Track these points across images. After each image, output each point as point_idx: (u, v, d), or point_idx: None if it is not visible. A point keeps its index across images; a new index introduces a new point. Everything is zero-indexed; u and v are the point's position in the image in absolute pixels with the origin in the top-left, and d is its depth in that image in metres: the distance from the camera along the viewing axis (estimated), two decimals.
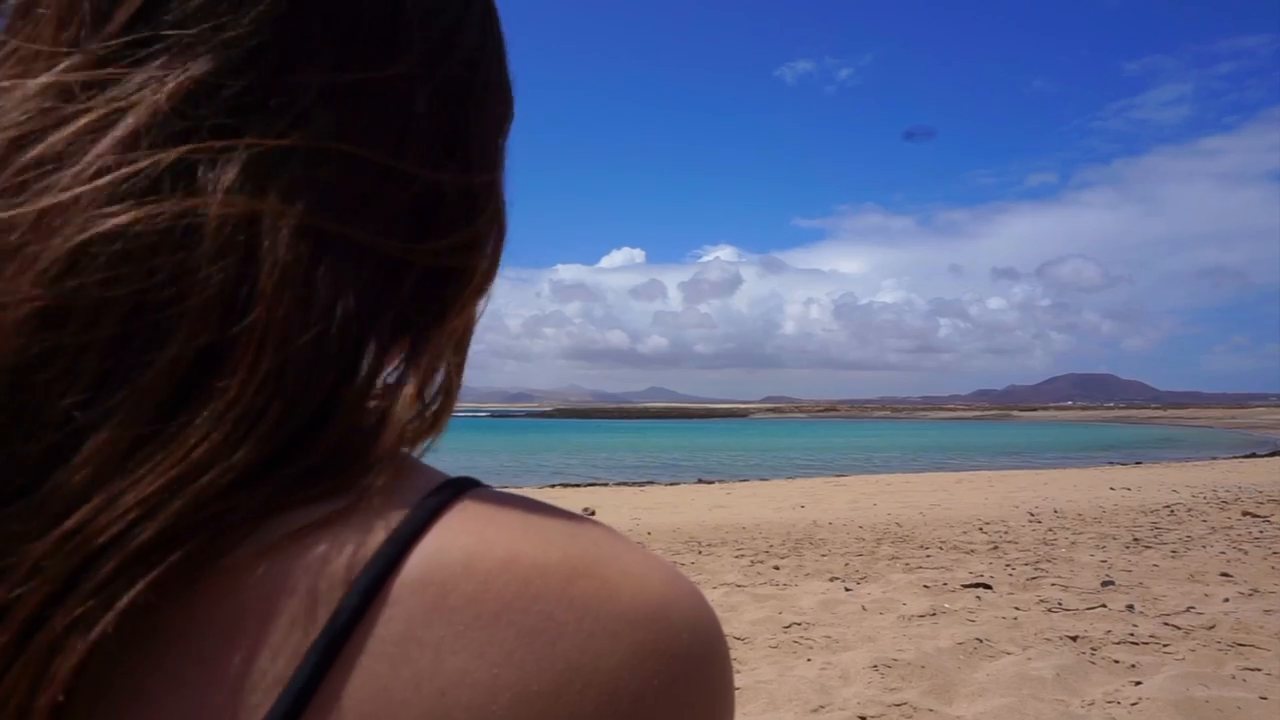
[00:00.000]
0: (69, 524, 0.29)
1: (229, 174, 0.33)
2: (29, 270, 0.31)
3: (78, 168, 0.32)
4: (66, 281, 0.31)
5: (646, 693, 0.32)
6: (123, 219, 0.31)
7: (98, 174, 0.32)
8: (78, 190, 0.31)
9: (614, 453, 43.95)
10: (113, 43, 0.34)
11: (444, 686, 0.31)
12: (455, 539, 0.33)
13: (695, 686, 0.34)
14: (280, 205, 0.34)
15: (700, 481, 23.17)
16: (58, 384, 0.30)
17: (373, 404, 0.36)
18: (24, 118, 0.33)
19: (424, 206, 0.39)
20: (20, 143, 0.32)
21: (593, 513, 13.14)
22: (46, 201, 0.31)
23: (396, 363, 0.38)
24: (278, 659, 0.31)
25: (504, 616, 0.32)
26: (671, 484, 22.28)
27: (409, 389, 0.37)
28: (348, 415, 0.34)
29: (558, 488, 20.73)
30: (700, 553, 8.95)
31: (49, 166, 0.32)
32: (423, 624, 0.31)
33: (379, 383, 0.37)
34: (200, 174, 0.33)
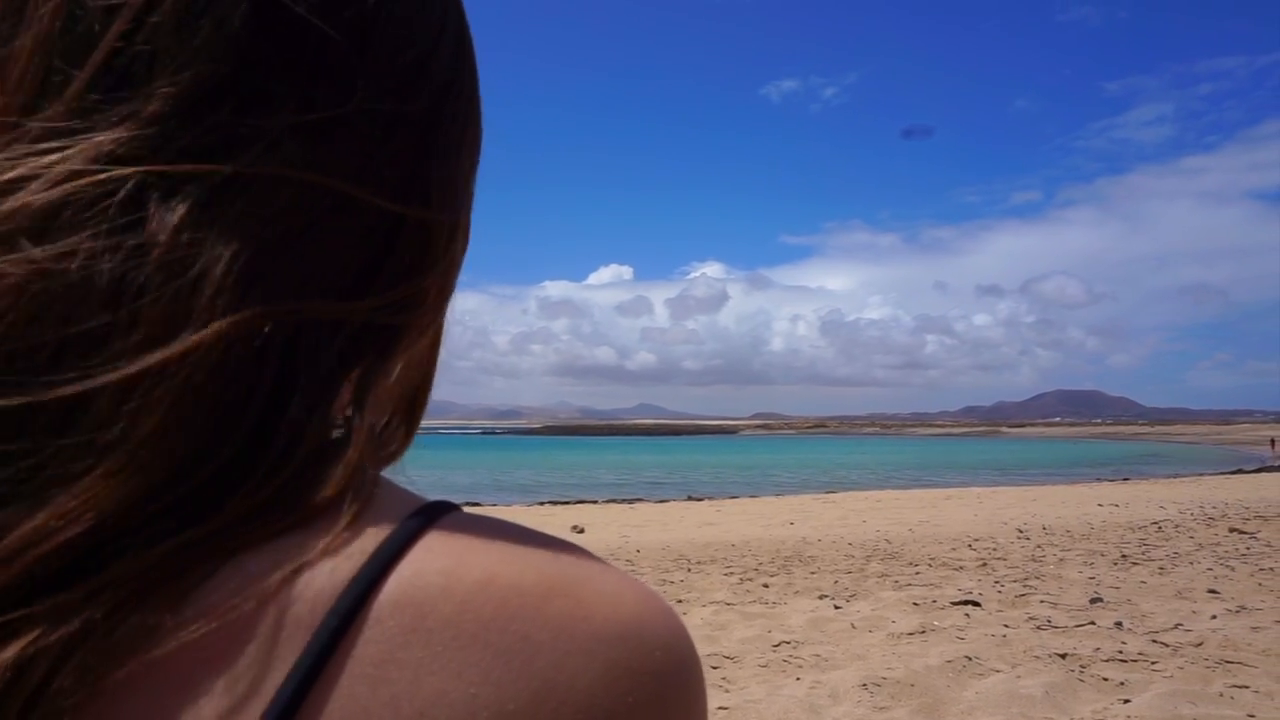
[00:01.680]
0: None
1: (178, 210, 0.33)
2: None
3: (11, 204, 0.31)
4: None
5: (620, 710, 0.33)
6: (63, 245, 0.31)
7: (38, 207, 0.31)
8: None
9: (602, 470, 43.92)
10: (73, 101, 0.33)
11: (423, 707, 0.31)
12: (433, 561, 0.33)
13: (668, 705, 0.34)
14: (223, 241, 0.33)
15: (689, 499, 23.17)
16: None
17: (336, 433, 0.36)
18: None
19: (378, 247, 0.38)
20: None
21: (581, 530, 13.09)
22: None
23: (351, 394, 0.38)
24: (259, 682, 0.30)
25: (481, 637, 0.32)
26: (660, 501, 22.27)
27: (365, 416, 0.37)
28: (303, 444, 0.34)
29: (546, 505, 20.68)
30: (689, 570, 8.93)
31: None
32: (402, 645, 0.32)
33: (338, 413, 0.36)
34: (150, 208, 0.32)
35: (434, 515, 0.36)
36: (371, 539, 0.34)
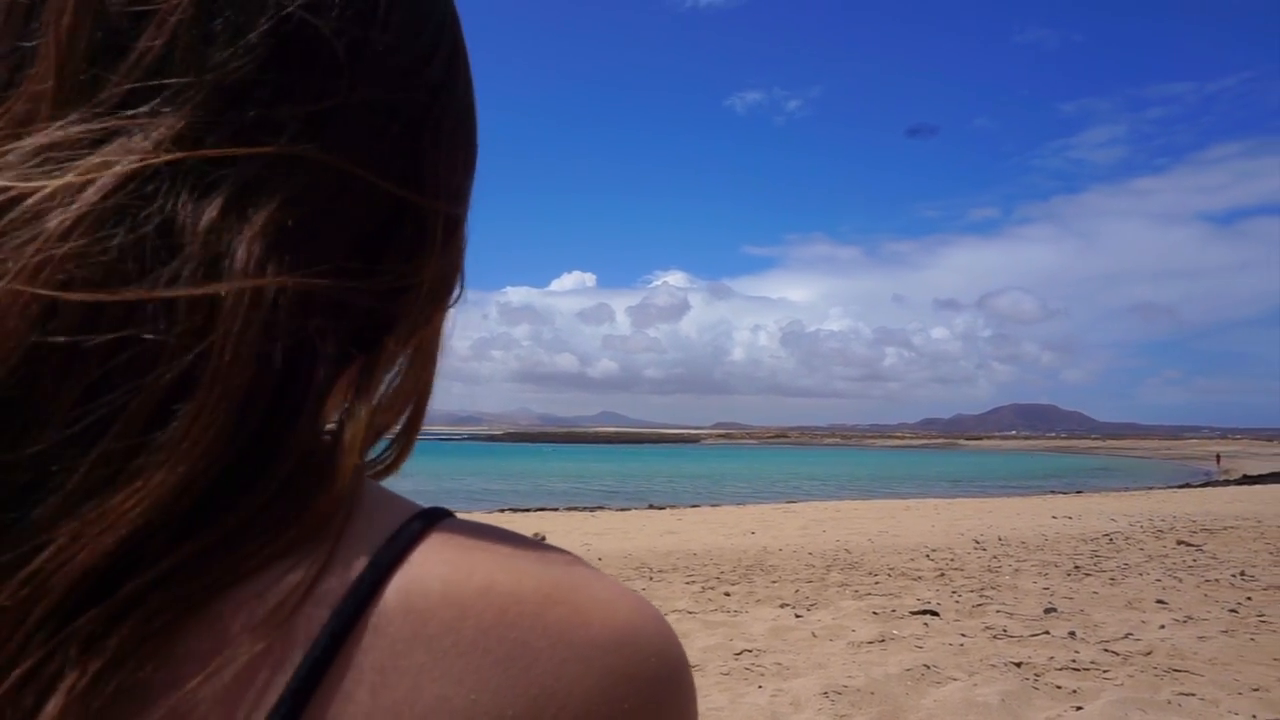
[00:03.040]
0: (32, 565, 0.29)
1: (212, 203, 0.33)
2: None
3: (63, 212, 0.31)
4: (48, 323, 0.30)
5: (617, 716, 0.33)
6: (103, 240, 0.31)
7: (80, 212, 0.32)
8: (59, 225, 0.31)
9: (564, 478, 43.74)
10: (106, 99, 0.34)
11: (424, 713, 0.31)
12: (432, 568, 0.34)
13: (663, 710, 0.35)
14: (248, 231, 0.34)
15: (651, 507, 23.17)
16: (35, 424, 0.30)
17: (327, 435, 0.36)
18: (15, 176, 0.32)
19: (379, 231, 0.39)
20: (13, 198, 0.32)
21: (543, 538, 12.95)
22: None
23: (348, 394, 0.38)
24: (261, 687, 0.31)
25: (481, 643, 0.33)
26: (622, 509, 22.24)
27: (361, 416, 0.37)
28: (300, 445, 0.34)
29: (506, 513, 20.53)
30: (651, 579, 8.93)
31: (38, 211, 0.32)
32: (403, 651, 0.32)
33: (334, 411, 0.37)
34: (183, 202, 0.33)
35: (431, 521, 0.36)
36: (369, 545, 0.34)
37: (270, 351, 0.33)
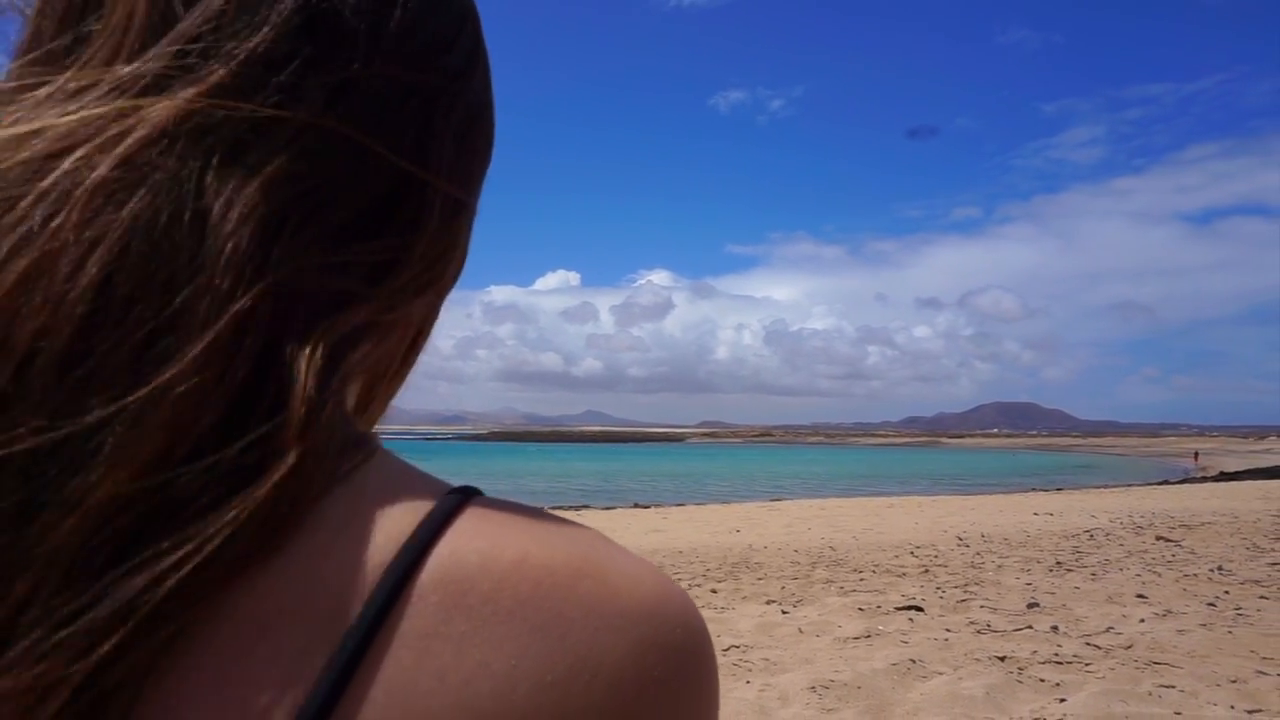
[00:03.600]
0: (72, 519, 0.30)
1: (236, 168, 0.36)
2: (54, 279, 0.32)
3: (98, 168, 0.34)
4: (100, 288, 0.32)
5: (648, 682, 0.35)
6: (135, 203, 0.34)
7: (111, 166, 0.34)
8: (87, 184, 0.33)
9: (548, 477, 43.57)
10: (150, 64, 0.37)
11: (467, 677, 0.33)
12: (470, 541, 0.35)
13: (690, 677, 0.37)
14: (260, 192, 0.36)
15: (636, 506, 23.15)
16: (91, 379, 0.31)
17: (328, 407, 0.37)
18: (66, 131, 0.34)
19: (381, 206, 0.41)
20: (58, 150, 0.34)
21: None
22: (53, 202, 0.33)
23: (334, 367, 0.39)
24: (312, 653, 0.32)
25: (519, 612, 0.34)
26: (607, 508, 22.18)
27: (338, 378, 0.38)
28: (300, 401, 0.35)
29: None
30: None
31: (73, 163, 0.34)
32: (445, 619, 0.33)
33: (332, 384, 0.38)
34: (209, 178, 0.35)
35: (465, 498, 0.38)
36: (409, 519, 0.36)
37: (257, 311, 0.34)
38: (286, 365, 0.35)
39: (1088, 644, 5.58)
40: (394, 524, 0.35)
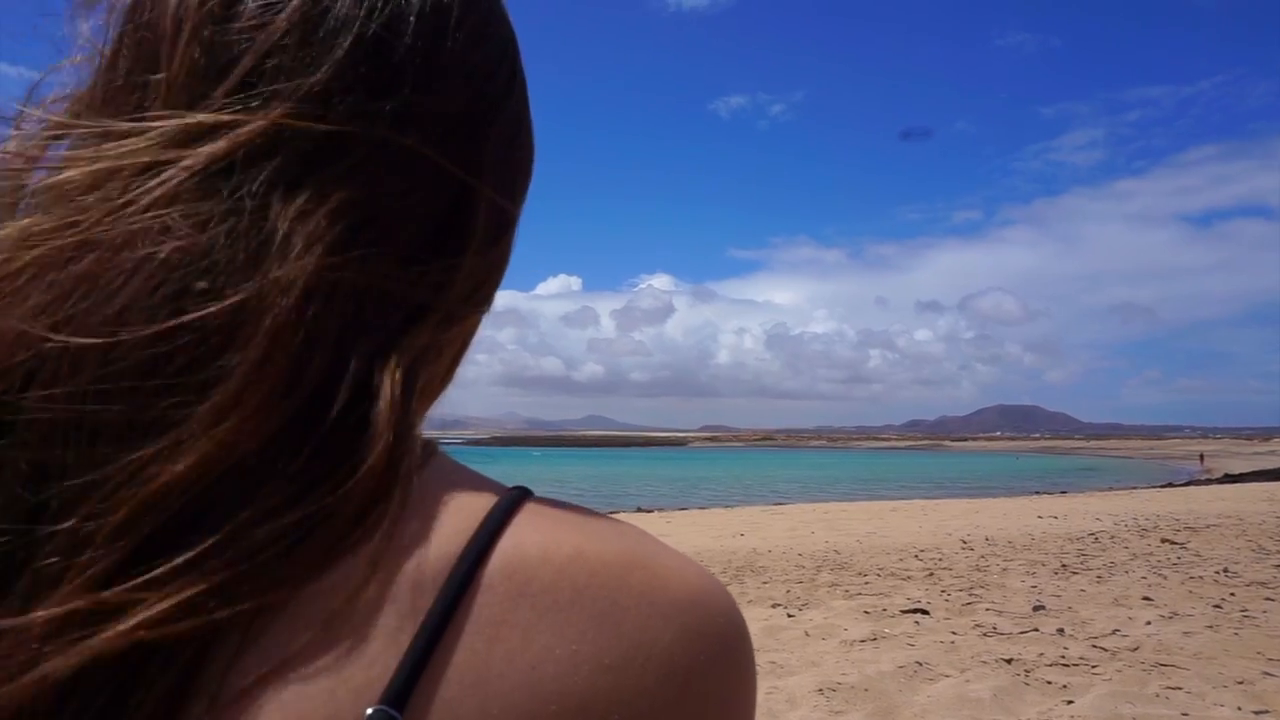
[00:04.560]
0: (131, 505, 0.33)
1: (300, 189, 0.39)
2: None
3: (159, 189, 0.37)
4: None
5: (696, 666, 0.38)
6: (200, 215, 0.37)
7: (175, 190, 0.37)
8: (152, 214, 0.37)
9: (550, 481, 43.57)
10: (216, 99, 0.40)
11: (533, 661, 0.36)
12: (530, 536, 0.38)
13: (732, 663, 0.40)
14: (326, 216, 0.39)
15: (639, 510, 23.15)
16: (162, 391, 0.35)
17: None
18: (129, 160, 0.38)
19: (441, 224, 0.44)
20: (127, 182, 0.38)
21: None
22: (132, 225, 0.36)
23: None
24: (391, 639, 0.35)
25: (577, 602, 0.37)
26: (610, 513, 22.12)
27: (398, 384, 0.40)
28: (364, 406, 0.38)
29: None
30: None
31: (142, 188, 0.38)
32: (511, 608, 0.36)
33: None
34: (278, 189, 0.39)
35: (521, 497, 0.41)
36: (472, 516, 0.39)
37: (325, 324, 0.38)
38: (367, 381, 0.38)
39: (1094, 646, 5.58)
40: (460, 519, 0.38)
